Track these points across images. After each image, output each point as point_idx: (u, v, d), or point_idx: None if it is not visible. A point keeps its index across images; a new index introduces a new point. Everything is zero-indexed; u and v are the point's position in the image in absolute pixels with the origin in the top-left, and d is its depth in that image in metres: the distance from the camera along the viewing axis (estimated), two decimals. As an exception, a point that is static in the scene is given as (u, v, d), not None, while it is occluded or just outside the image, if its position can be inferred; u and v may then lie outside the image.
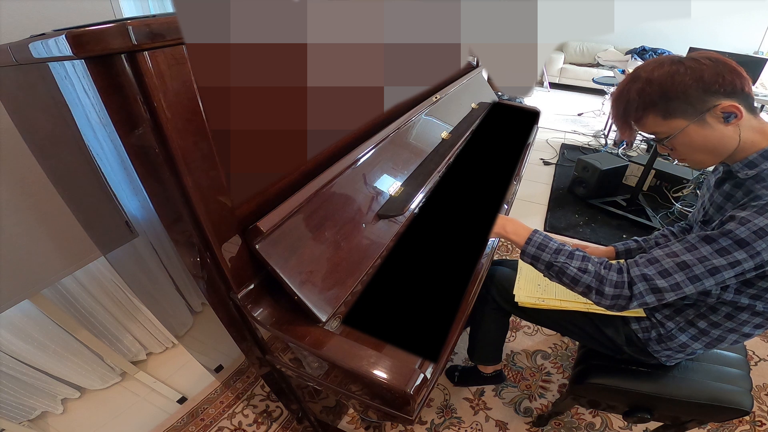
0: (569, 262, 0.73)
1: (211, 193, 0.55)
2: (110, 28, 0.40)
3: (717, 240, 0.64)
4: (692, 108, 0.65)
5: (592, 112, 4.29)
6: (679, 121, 0.67)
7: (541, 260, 0.77)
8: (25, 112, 0.80)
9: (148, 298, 1.41)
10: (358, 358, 0.61)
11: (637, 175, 2.50)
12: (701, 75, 0.63)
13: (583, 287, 0.73)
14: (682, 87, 0.64)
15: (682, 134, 0.68)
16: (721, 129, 0.66)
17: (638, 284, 0.68)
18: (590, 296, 0.73)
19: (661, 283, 0.67)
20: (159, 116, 0.46)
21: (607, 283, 0.70)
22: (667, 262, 0.68)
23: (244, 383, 1.45)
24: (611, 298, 0.70)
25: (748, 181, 0.69)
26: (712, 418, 0.95)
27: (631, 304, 0.69)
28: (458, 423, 1.30)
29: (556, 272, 0.75)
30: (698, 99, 0.64)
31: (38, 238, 0.99)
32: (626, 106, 0.70)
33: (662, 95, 0.66)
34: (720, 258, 0.63)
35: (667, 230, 1.04)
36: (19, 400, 1.28)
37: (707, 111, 0.65)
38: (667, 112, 0.67)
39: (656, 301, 0.69)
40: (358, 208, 0.82)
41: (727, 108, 0.64)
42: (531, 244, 0.78)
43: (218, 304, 0.68)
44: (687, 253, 0.67)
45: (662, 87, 0.66)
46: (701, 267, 0.65)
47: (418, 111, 1.12)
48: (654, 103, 0.67)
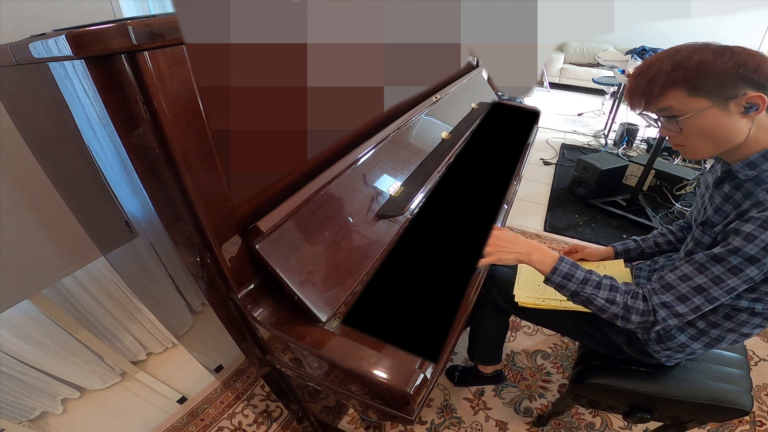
0: (597, 292, 0.74)
1: (211, 193, 0.55)
2: (110, 28, 0.40)
3: (727, 259, 0.64)
4: (722, 91, 0.64)
5: (592, 112, 4.29)
6: (702, 101, 0.65)
7: (566, 288, 0.77)
8: (25, 112, 0.80)
9: (148, 298, 1.41)
10: (358, 358, 0.61)
11: (637, 175, 2.50)
12: (745, 62, 0.62)
13: (609, 315, 0.74)
14: (723, 69, 0.63)
15: (699, 115, 0.66)
16: (736, 119, 0.65)
17: (660, 311, 0.70)
18: (616, 321, 0.75)
19: (681, 309, 0.69)
20: (159, 116, 0.46)
21: (634, 312, 0.72)
22: (683, 287, 0.69)
23: (244, 383, 1.45)
24: (637, 324, 0.73)
25: (747, 183, 0.69)
26: (712, 418, 0.95)
27: (655, 327, 0.72)
28: (458, 423, 1.30)
29: (583, 301, 0.76)
30: (732, 83, 0.63)
31: (38, 238, 0.99)
32: (655, 75, 0.67)
33: (698, 71, 0.64)
34: (734, 277, 0.64)
35: (666, 229, 1.04)
36: (19, 400, 1.28)
37: (734, 98, 0.64)
38: (694, 89, 0.65)
39: (678, 322, 0.72)
40: (358, 208, 0.82)
41: (754, 99, 0.63)
42: (557, 274, 0.77)
43: (218, 304, 0.68)
44: (700, 275, 0.67)
45: (702, 64, 0.64)
46: (718, 289, 0.66)
47: (418, 111, 1.12)
48: (686, 78, 0.65)
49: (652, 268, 0.99)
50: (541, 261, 0.79)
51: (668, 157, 2.95)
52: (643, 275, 0.99)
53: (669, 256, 0.99)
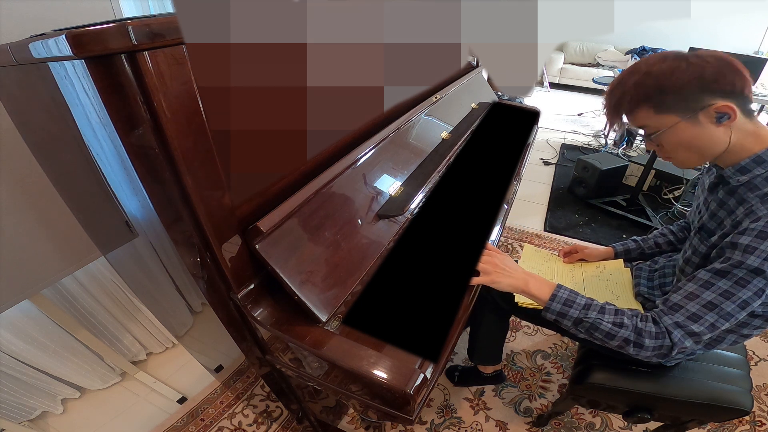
0: (601, 317, 0.71)
1: (211, 193, 0.55)
2: (110, 28, 0.40)
3: (731, 272, 0.63)
4: (686, 105, 0.64)
5: (592, 112, 4.30)
6: (670, 117, 0.66)
7: (568, 317, 0.73)
8: (25, 112, 0.80)
9: (148, 298, 1.41)
10: (358, 358, 0.61)
11: (637, 175, 2.50)
12: (702, 73, 0.62)
13: (619, 341, 0.70)
14: (680, 83, 0.63)
15: (672, 131, 0.67)
16: (711, 129, 0.65)
17: (674, 332, 0.67)
18: (627, 349, 0.69)
19: (696, 328, 0.66)
20: (159, 116, 0.46)
21: (646, 335, 0.68)
22: (692, 306, 0.66)
23: (244, 383, 1.45)
24: (652, 350, 0.68)
25: (740, 188, 0.68)
26: (712, 418, 0.95)
27: (673, 351, 0.67)
28: (458, 423, 1.30)
29: (587, 328, 0.72)
30: (694, 97, 0.63)
31: (38, 238, 0.99)
32: (621, 96, 0.69)
33: (658, 89, 0.65)
34: (743, 289, 0.62)
35: (666, 229, 1.04)
36: (19, 400, 1.28)
37: (701, 110, 0.64)
38: (660, 107, 0.66)
39: (694, 343, 0.67)
40: (358, 208, 0.82)
41: (722, 108, 0.62)
42: (556, 301, 0.74)
43: (218, 304, 0.68)
44: (707, 291, 0.65)
45: (659, 81, 0.64)
46: (730, 303, 0.64)
47: (418, 111, 1.12)
48: (648, 96, 0.66)
49: (652, 268, 0.99)
50: (538, 288, 0.76)
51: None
52: (643, 275, 0.98)
53: (669, 256, 0.99)
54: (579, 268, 1.07)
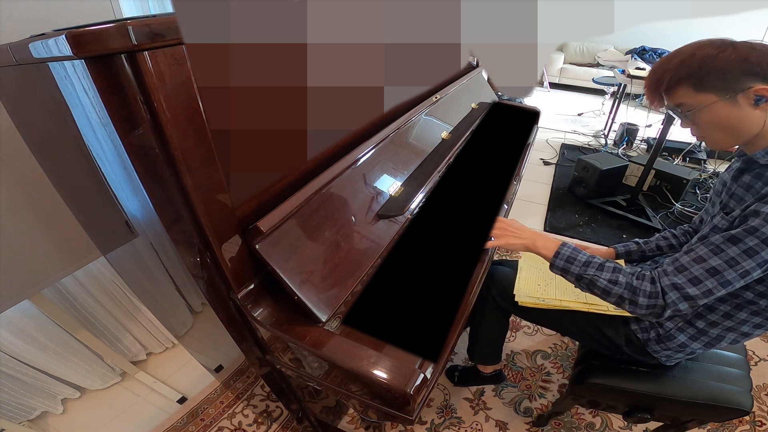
0: (599, 274, 0.74)
1: (211, 193, 0.55)
2: (110, 28, 0.40)
3: (743, 240, 0.64)
4: (726, 85, 0.65)
5: (592, 112, 4.29)
6: (709, 95, 0.67)
7: (570, 272, 0.77)
8: (25, 112, 0.80)
9: (148, 298, 1.41)
10: (358, 358, 0.61)
11: (637, 175, 2.50)
12: (748, 56, 0.63)
13: (615, 298, 0.73)
14: (724, 64, 0.64)
15: (708, 109, 0.68)
16: (748, 111, 0.66)
17: (669, 293, 0.69)
18: (623, 306, 0.73)
19: (693, 291, 0.67)
20: (159, 116, 0.46)
21: (641, 294, 0.70)
22: (696, 269, 0.68)
23: (244, 383, 1.45)
24: (646, 308, 0.71)
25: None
26: (712, 418, 0.95)
27: (665, 312, 0.69)
28: (458, 423, 1.30)
29: (587, 284, 0.76)
30: (736, 78, 0.64)
31: (38, 238, 0.99)
32: (663, 74, 0.70)
33: (701, 68, 0.66)
34: (749, 260, 0.63)
35: (669, 232, 1.04)
36: (19, 400, 1.28)
37: (741, 91, 0.65)
38: (700, 85, 0.67)
39: (689, 307, 0.69)
40: (358, 208, 0.82)
41: (761, 91, 0.63)
42: (559, 257, 0.78)
43: (218, 304, 0.68)
44: (714, 257, 0.66)
45: (704, 61, 0.66)
46: (732, 272, 0.65)
47: (418, 111, 1.12)
48: (690, 74, 0.67)
49: (653, 268, 0.99)
50: (545, 246, 0.81)
51: (668, 157, 2.95)
52: (643, 275, 0.98)
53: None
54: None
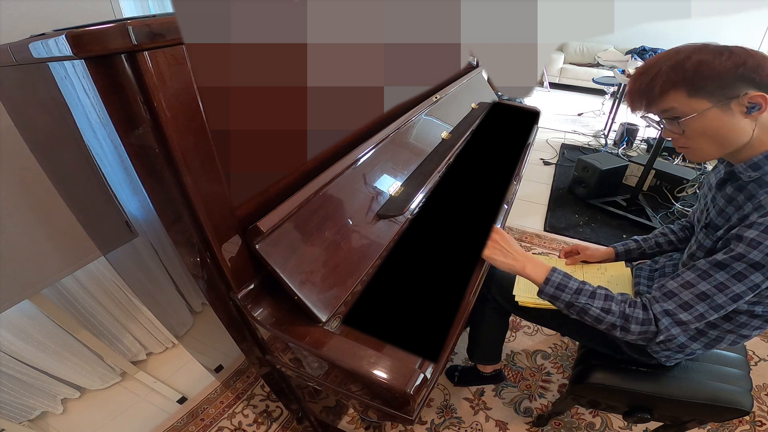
0: (591, 302, 0.73)
1: (211, 193, 0.55)
2: (110, 28, 0.40)
3: (730, 265, 0.63)
4: (721, 91, 0.63)
5: (592, 112, 4.29)
6: (702, 102, 0.65)
7: (560, 300, 0.76)
8: (25, 112, 0.80)
9: (148, 298, 1.41)
10: (358, 358, 0.61)
11: (637, 175, 2.50)
12: (744, 61, 0.62)
13: (607, 325, 0.72)
14: (721, 69, 0.62)
15: (701, 116, 0.66)
16: (739, 119, 0.65)
17: (662, 320, 0.68)
18: (614, 332, 0.72)
19: (684, 316, 0.67)
20: (159, 116, 0.46)
21: (633, 321, 0.70)
22: (685, 295, 0.67)
23: (244, 383, 1.45)
24: (637, 334, 0.70)
25: (750, 185, 0.68)
26: (712, 418, 0.95)
27: (658, 337, 0.69)
28: (458, 423, 1.30)
29: (577, 311, 0.75)
30: (731, 84, 0.63)
31: (38, 238, 0.99)
32: (654, 77, 0.67)
33: (697, 72, 0.64)
34: (739, 284, 0.63)
35: (667, 228, 1.04)
36: (19, 400, 1.28)
37: (735, 98, 0.63)
38: (694, 90, 0.65)
39: (682, 331, 0.69)
40: (358, 208, 0.82)
41: (756, 98, 0.62)
42: (549, 284, 0.76)
43: (218, 304, 0.68)
44: (703, 282, 0.66)
45: (700, 65, 0.63)
46: (723, 296, 0.64)
47: (418, 111, 1.12)
48: (684, 78, 0.65)
49: (653, 267, 0.99)
50: (534, 271, 0.78)
51: (668, 157, 2.95)
52: (643, 275, 0.98)
53: (670, 256, 0.99)
54: (580, 270, 1.07)
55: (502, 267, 0.81)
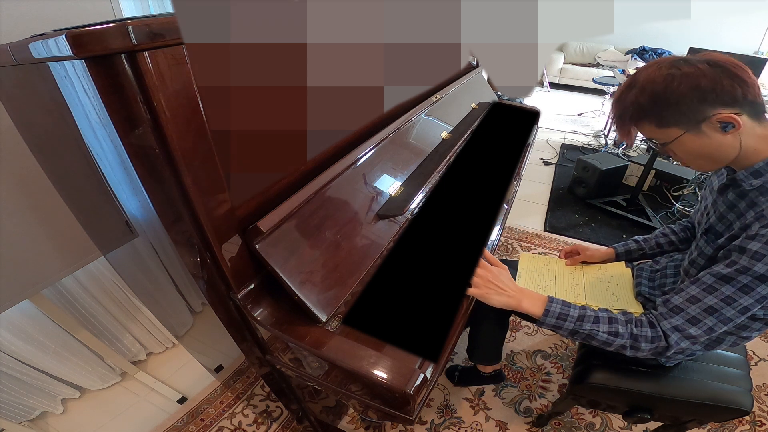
0: (597, 327, 0.73)
1: (211, 193, 0.55)
2: (110, 28, 0.40)
3: (736, 278, 0.63)
4: (687, 117, 0.63)
5: (592, 112, 4.29)
6: (673, 129, 0.65)
7: (563, 329, 0.76)
8: (25, 112, 0.80)
9: (148, 298, 1.41)
10: (358, 358, 0.61)
11: (637, 175, 2.50)
12: (698, 83, 0.60)
13: (616, 347, 0.73)
14: (676, 96, 0.61)
15: (678, 142, 0.66)
16: (719, 138, 0.63)
17: (672, 336, 0.69)
18: (624, 352, 0.73)
19: (694, 331, 0.67)
20: (159, 116, 0.46)
21: (642, 340, 0.70)
22: (693, 309, 0.67)
23: (244, 383, 1.45)
24: (648, 351, 0.71)
25: (752, 192, 0.67)
26: (712, 418, 0.95)
27: (668, 352, 0.70)
28: (458, 423, 1.30)
29: (584, 338, 0.75)
30: (693, 109, 0.62)
31: (38, 238, 0.99)
32: (623, 112, 0.69)
33: (655, 105, 0.64)
34: (746, 296, 0.63)
35: (668, 229, 1.04)
36: (19, 400, 1.28)
37: (703, 121, 0.62)
38: (660, 121, 0.65)
39: (691, 345, 0.70)
40: (358, 208, 0.82)
41: (724, 118, 0.61)
42: (549, 315, 0.76)
43: (218, 304, 0.68)
44: (709, 296, 0.66)
45: (655, 96, 0.63)
46: (731, 309, 0.64)
47: (418, 111, 1.12)
48: (647, 113, 0.65)
49: (653, 268, 0.99)
50: (532, 305, 0.78)
51: (668, 157, 2.95)
52: (644, 275, 0.98)
53: (671, 257, 0.99)
54: (580, 270, 1.06)
55: (498, 305, 0.79)
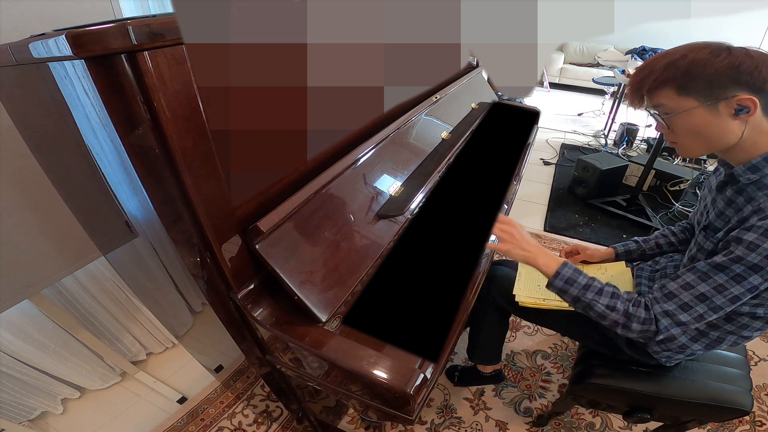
0: (597, 298, 0.74)
1: (211, 193, 0.55)
2: (110, 28, 0.40)
3: (730, 267, 0.64)
4: (710, 92, 0.63)
5: (592, 112, 4.29)
6: (690, 100, 0.65)
7: (568, 293, 0.77)
8: (25, 112, 0.80)
9: (148, 298, 1.41)
10: (358, 358, 0.61)
11: (637, 175, 2.50)
12: (740, 63, 0.61)
13: (609, 322, 0.74)
14: (713, 69, 0.62)
15: (686, 114, 0.66)
16: (726, 120, 0.64)
17: (662, 320, 0.70)
18: (616, 329, 0.74)
19: (684, 317, 0.68)
20: (159, 116, 0.46)
21: (635, 320, 0.71)
22: (685, 296, 0.68)
23: (244, 383, 1.45)
24: (638, 332, 0.72)
25: (749, 187, 0.68)
26: (712, 418, 0.95)
27: (657, 336, 0.71)
28: (458, 423, 1.30)
29: (583, 306, 0.76)
30: (722, 85, 0.62)
31: (38, 238, 0.99)
32: (648, 74, 0.68)
33: (688, 71, 0.64)
34: (737, 285, 0.64)
35: (668, 230, 1.04)
36: (19, 400, 1.28)
37: (724, 99, 0.63)
38: (683, 88, 0.65)
39: (682, 332, 0.71)
40: (358, 208, 0.82)
41: (744, 101, 0.62)
42: (559, 278, 0.77)
43: (218, 304, 0.68)
44: (702, 283, 0.67)
45: (692, 65, 0.63)
46: (721, 297, 0.65)
47: (418, 111, 1.12)
48: (675, 77, 0.65)
49: (653, 268, 0.99)
50: (546, 264, 0.79)
51: (668, 157, 2.95)
52: (644, 275, 0.98)
53: (671, 257, 0.99)
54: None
55: (518, 259, 0.82)
